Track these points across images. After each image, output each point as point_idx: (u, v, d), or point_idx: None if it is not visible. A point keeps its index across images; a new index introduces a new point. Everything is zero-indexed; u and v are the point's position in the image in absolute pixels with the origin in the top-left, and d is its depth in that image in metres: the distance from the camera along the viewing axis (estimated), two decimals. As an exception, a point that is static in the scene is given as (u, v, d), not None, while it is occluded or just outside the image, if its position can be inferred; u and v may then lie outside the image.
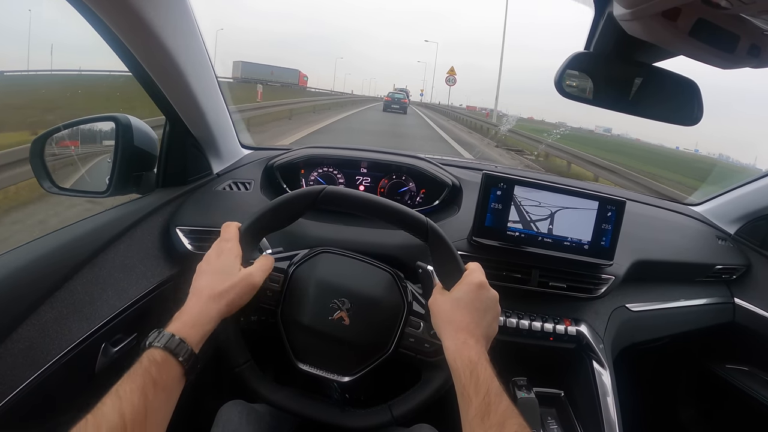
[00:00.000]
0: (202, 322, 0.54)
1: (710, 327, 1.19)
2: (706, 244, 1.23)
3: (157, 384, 0.46)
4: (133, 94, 1.06)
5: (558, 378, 0.98)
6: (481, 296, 0.60)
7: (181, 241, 0.90)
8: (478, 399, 0.49)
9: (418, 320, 0.66)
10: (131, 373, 0.47)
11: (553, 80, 0.75)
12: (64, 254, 0.74)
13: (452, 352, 0.55)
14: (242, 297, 0.59)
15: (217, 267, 0.59)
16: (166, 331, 0.51)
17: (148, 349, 0.49)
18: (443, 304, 0.61)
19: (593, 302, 0.97)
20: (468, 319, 0.58)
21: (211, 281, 0.58)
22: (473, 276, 0.62)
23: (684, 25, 0.53)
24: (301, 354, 0.65)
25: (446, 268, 0.63)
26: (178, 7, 0.74)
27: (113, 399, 0.43)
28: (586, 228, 0.90)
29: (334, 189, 0.64)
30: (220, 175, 1.06)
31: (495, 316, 0.62)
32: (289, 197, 0.65)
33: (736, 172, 8.29)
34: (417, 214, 0.64)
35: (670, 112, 0.80)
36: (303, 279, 0.67)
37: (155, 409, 0.45)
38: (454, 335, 0.57)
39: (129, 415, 0.42)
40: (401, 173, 1.11)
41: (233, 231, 0.63)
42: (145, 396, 0.44)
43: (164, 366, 0.48)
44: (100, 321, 0.74)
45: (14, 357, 0.63)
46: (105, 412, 0.42)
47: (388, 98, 23.42)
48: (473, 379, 0.51)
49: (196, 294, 0.57)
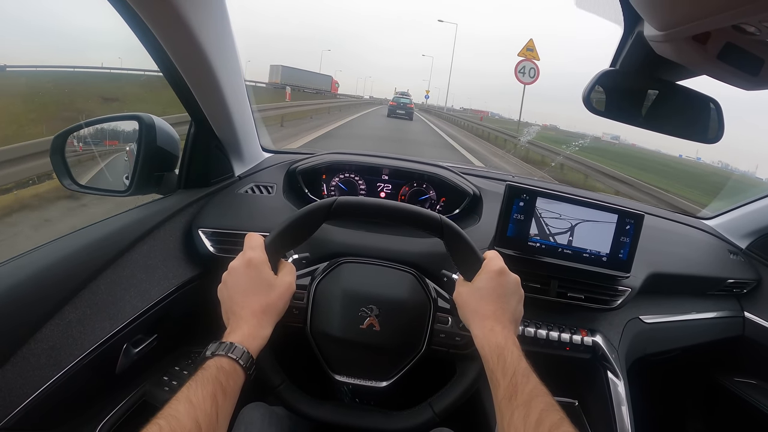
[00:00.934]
0: (260, 335, 0.56)
1: (720, 340, 1.20)
2: (718, 258, 1.24)
3: (226, 391, 0.48)
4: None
5: (573, 387, 0.99)
6: (503, 282, 0.62)
7: (203, 243, 0.90)
8: (505, 381, 0.50)
9: (446, 315, 0.67)
10: (200, 379, 0.47)
11: (582, 96, 0.76)
12: (89, 254, 0.74)
13: (480, 340, 0.57)
14: (286, 303, 0.61)
15: (255, 279, 0.59)
16: (229, 341, 0.52)
17: (212, 358, 0.50)
18: (467, 295, 0.62)
19: (608, 313, 0.98)
20: (493, 306, 0.60)
21: (257, 295, 0.58)
22: (492, 263, 0.63)
23: (713, 48, 0.55)
24: (337, 366, 0.66)
25: (465, 260, 0.64)
26: (216, 7, 0.74)
27: (186, 406, 0.43)
28: (605, 240, 0.91)
29: (346, 199, 0.65)
30: (242, 177, 1.06)
31: (519, 299, 0.63)
32: (302, 213, 0.65)
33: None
34: (429, 212, 0.66)
35: (692, 129, 0.82)
36: (327, 292, 0.68)
37: (224, 415, 0.47)
38: (481, 324, 0.58)
39: (203, 421, 0.43)
40: (422, 181, 1.12)
41: (258, 240, 0.63)
42: (216, 403, 0.45)
43: (232, 374, 0.49)
44: (122, 322, 0.74)
45: (38, 357, 0.63)
46: (180, 419, 0.42)
47: (393, 103, 22.21)
48: (500, 362, 0.53)
49: (246, 307, 0.57)
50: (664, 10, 0.52)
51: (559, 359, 0.92)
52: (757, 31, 0.46)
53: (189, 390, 0.45)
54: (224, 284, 0.60)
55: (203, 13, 0.69)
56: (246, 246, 0.62)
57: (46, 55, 13.25)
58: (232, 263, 0.61)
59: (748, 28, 0.46)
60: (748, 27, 0.46)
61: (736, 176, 17.52)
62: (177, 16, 0.64)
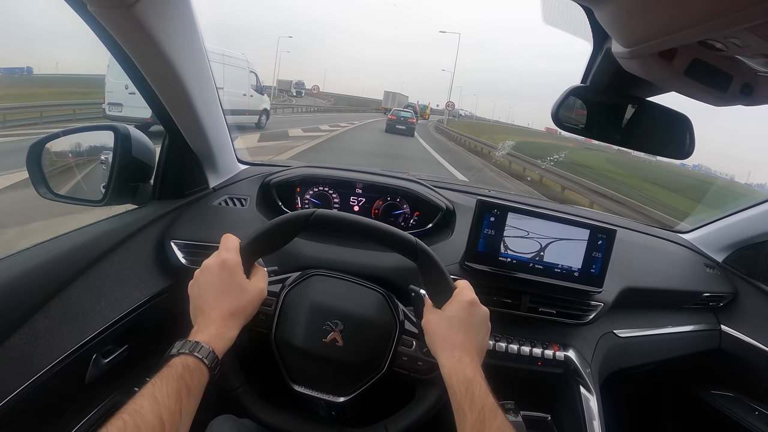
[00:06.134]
0: (227, 336, 0.56)
1: (697, 353, 1.20)
2: (695, 271, 1.24)
3: (191, 390, 0.48)
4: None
5: (545, 402, 0.99)
6: (474, 313, 0.62)
7: (175, 255, 0.90)
8: (473, 415, 0.51)
9: (411, 339, 0.67)
10: (165, 376, 0.47)
11: (551, 112, 0.77)
12: (61, 263, 0.74)
13: (448, 370, 0.57)
14: (255, 308, 0.61)
15: (228, 281, 0.59)
16: (195, 340, 0.52)
17: (178, 356, 0.50)
18: (437, 322, 0.62)
19: (581, 328, 0.98)
20: (462, 336, 0.59)
21: (228, 297, 0.58)
22: (464, 294, 0.63)
23: (680, 64, 0.55)
24: (296, 376, 0.66)
25: (436, 287, 0.65)
26: (185, 22, 0.75)
27: (150, 402, 0.43)
28: (577, 256, 0.91)
29: (324, 212, 0.65)
30: (216, 189, 1.06)
31: (487, 332, 0.64)
32: (280, 221, 0.65)
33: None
34: (406, 234, 0.66)
35: (663, 145, 0.82)
36: (295, 302, 0.68)
37: (187, 414, 0.47)
38: (449, 353, 0.58)
39: (167, 419, 0.43)
40: (396, 195, 1.12)
41: (234, 243, 0.63)
42: (180, 401, 0.45)
43: (196, 373, 0.50)
44: (92, 332, 0.74)
45: (6, 366, 0.63)
46: (144, 415, 0.42)
47: (392, 117, 19.68)
48: (468, 395, 0.52)
49: (216, 308, 0.57)
50: (629, 27, 0.52)
51: (532, 374, 0.93)
52: (724, 47, 0.46)
53: (154, 386, 0.45)
54: (196, 281, 0.60)
55: (172, 29, 0.70)
56: (222, 246, 0.62)
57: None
58: (207, 261, 0.61)
59: (714, 44, 0.46)
60: (715, 43, 0.46)
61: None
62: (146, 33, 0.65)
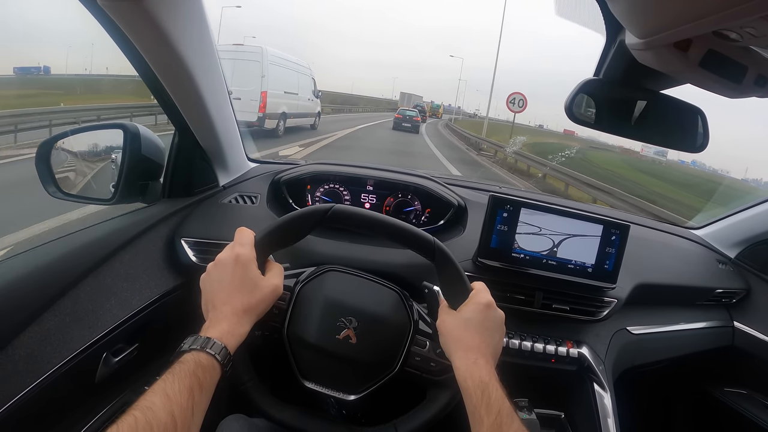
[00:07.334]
0: (238, 332, 0.55)
1: (709, 350, 1.19)
2: (707, 267, 1.23)
3: (203, 386, 0.47)
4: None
5: (559, 399, 0.98)
6: (490, 316, 0.61)
7: (185, 253, 0.90)
8: (489, 419, 0.50)
9: (424, 339, 0.67)
10: (177, 373, 0.47)
11: (564, 105, 0.76)
12: (69, 262, 0.74)
13: (463, 372, 0.56)
14: (269, 305, 0.61)
15: (242, 277, 0.58)
16: (207, 336, 0.52)
17: (189, 352, 0.50)
18: (452, 324, 0.61)
19: (595, 324, 0.97)
20: (478, 339, 0.59)
21: (241, 293, 0.58)
22: (480, 296, 0.62)
23: (695, 55, 0.54)
24: (307, 372, 0.65)
25: (453, 287, 0.64)
26: (195, 17, 0.74)
27: (162, 398, 0.43)
28: (590, 251, 0.90)
29: (343, 207, 0.65)
30: (227, 187, 1.06)
31: (502, 335, 0.63)
32: (297, 214, 0.65)
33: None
34: (424, 233, 0.65)
35: (676, 138, 0.81)
36: (310, 297, 0.67)
37: (199, 411, 0.46)
38: (464, 355, 0.57)
39: (179, 415, 0.42)
40: (407, 192, 1.12)
41: (249, 237, 0.62)
42: (192, 397, 0.45)
43: (209, 370, 0.49)
44: (102, 330, 0.74)
45: (15, 364, 0.63)
46: (155, 411, 0.42)
47: (398, 115, 20.38)
48: (485, 399, 0.52)
49: (228, 303, 0.56)
50: (644, 17, 0.51)
51: (545, 371, 0.92)
52: (739, 37, 0.45)
53: (165, 383, 0.45)
54: (209, 275, 0.59)
55: (183, 25, 0.69)
56: (236, 240, 0.62)
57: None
58: (220, 255, 0.60)
59: (729, 34, 0.46)
60: (730, 33, 0.45)
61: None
62: (157, 29, 0.64)
